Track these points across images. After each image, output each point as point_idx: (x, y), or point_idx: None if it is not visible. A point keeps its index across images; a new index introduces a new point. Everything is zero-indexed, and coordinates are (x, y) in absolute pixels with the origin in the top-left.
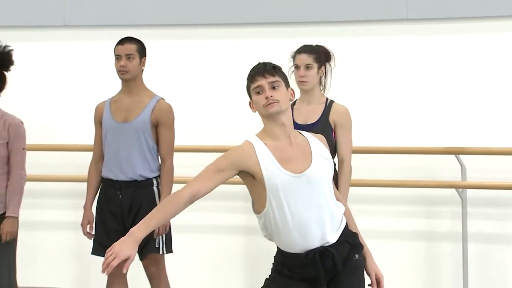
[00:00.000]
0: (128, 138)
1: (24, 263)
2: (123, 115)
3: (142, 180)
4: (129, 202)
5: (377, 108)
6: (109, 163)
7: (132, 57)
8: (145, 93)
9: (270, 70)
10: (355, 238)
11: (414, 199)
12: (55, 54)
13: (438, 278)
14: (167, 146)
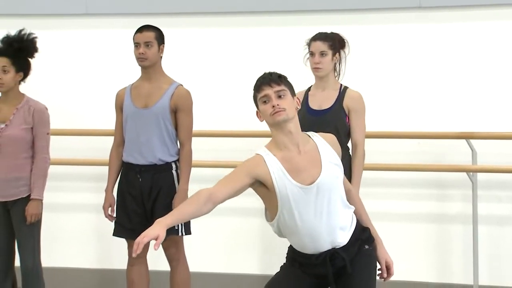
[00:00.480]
0: (148, 123)
1: (47, 243)
2: (143, 101)
3: (161, 164)
4: (149, 185)
5: (390, 94)
6: (129, 148)
7: (150, 45)
8: (164, 79)
9: (275, 79)
10: (365, 233)
11: (426, 183)
12: (78, 42)
13: (449, 259)
14: (185, 131)
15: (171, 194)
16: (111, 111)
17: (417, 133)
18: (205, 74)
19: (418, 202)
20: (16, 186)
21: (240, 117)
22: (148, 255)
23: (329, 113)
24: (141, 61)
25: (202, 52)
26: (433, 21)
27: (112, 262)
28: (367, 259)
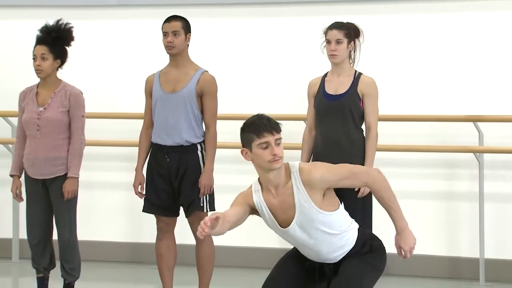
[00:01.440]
0: (176, 107)
1: (83, 218)
2: (171, 86)
3: (187, 145)
4: (176, 165)
5: (401, 80)
6: (158, 130)
7: (178, 34)
8: (190, 66)
9: (276, 127)
10: (365, 248)
11: (436, 163)
12: (110, 31)
13: (456, 234)
14: (211, 114)
15: (197, 173)
16: (141, 95)
17: (427, 116)
18: (228, 61)
19: (428, 181)
20: (54, 165)
21: (262, 101)
22: (176, 230)
23: (344, 98)
24: (169, 49)
25: (225, 41)
26: (443, 11)
27: (142, 236)
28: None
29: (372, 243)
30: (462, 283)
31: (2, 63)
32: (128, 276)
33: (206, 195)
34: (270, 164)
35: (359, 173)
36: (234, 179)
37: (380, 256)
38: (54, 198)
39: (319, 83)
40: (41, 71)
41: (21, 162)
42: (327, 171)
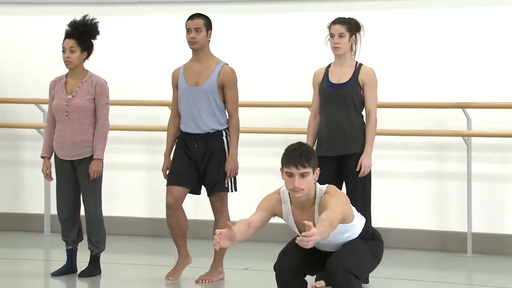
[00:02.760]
0: (200, 98)
1: (107, 196)
2: (194, 79)
3: (213, 132)
4: (203, 150)
5: (398, 70)
6: (185, 120)
7: (200, 30)
8: (211, 60)
9: (303, 162)
10: (367, 234)
11: (428, 146)
12: (132, 26)
13: (446, 210)
14: (232, 103)
15: (222, 157)
16: (159, 84)
17: (420, 103)
18: (249, 54)
19: (421, 162)
20: (81, 147)
21: (282, 89)
22: (189, 206)
23: (346, 86)
24: (191, 44)
25: (242, 34)
26: (432, 7)
27: (161, 212)
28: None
29: (374, 233)
30: (451, 255)
31: (34, 55)
32: (148, 248)
33: (232, 177)
34: (290, 191)
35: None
36: (250, 161)
37: (380, 246)
38: (81, 177)
39: (323, 73)
40: (69, 63)
41: (51, 145)
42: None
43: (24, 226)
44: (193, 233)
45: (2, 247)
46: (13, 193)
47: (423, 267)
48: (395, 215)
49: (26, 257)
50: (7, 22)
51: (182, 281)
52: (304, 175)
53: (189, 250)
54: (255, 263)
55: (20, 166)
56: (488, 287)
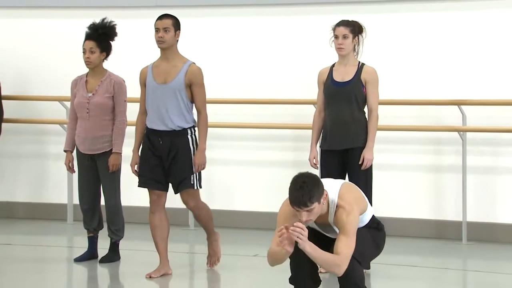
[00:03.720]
0: (167, 96)
1: (126, 187)
2: (162, 77)
3: (179, 130)
4: (168, 147)
5: (397, 69)
6: (152, 117)
7: (168, 30)
8: (179, 59)
9: (306, 203)
10: (373, 224)
11: (425, 140)
12: (149, 29)
13: (443, 200)
14: (200, 101)
15: (187, 154)
16: None
17: (418, 101)
18: (254, 54)
19: (419, 155)
20: (101, 142)
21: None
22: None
23: (349, 85)
24: (159, 43)
25: (252, 36)
26: (430, 11)
27: (174, 202)
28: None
29: (378, 223)
30: (447, 242)
31: (57, 56)
32: None
33: (196, 173)
34: (303, 221)
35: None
36: (255, 154)
37: (382, 237)
38: (101, 170)
39: (328, 72)
40: (89, 63)
41: (73, 139)
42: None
43: (48, 215)
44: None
45: (28, 234)
46: (38, 184)
47: (421, 253)
48: (395, 205)
49: (51, 244)
50: (32, 25)
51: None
52: (309, 211)
53: (200, 241)
54: (264, 249)
55: (45, 159)
56: (482, 272)
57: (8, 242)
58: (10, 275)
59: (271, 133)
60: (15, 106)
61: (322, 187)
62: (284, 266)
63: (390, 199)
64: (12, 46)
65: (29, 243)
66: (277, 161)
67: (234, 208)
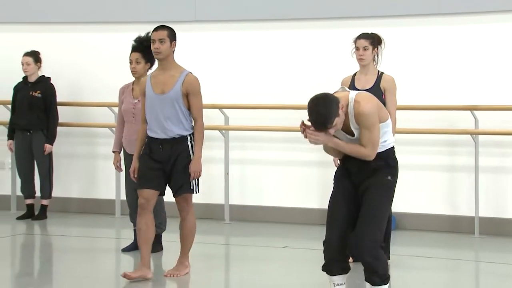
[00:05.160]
0: (165, 106)
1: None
2: (160, 88)
3: (178, 137)
4: (169, 154)
5: (415, 77)
6: (152, 125)
7: (163, 41)
8: (176, 69)
9: (326, 125)
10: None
11: (441, 142)
12: (189, 41)
13: (457, 197)
14: (196, 109)
15: (186, 160)
16: (211, 90)
17: (434, 106)
18: (282, 64)
19: (435, 156)
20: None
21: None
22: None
23: (370, 92)
24: (156, 54)
25: (287, 49)
26: (446, 24)
27: (212, 198)
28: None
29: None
30: (461, 236)
31: (106, 66)
32: (202, 228)
33: (196, 179)
34: None
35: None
36: (284, 155)
37: (397, 172)
38: None
39: (350, 80)
40: (135, 72)
41: (120, 141)
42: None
43: (98, 209)
44: (239, 216)
45: (81, 226)
46: (89, 181)
47: (436, 246)
48: (413, 202)
49: (101, 235)
50: (84, 39)
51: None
52: (333, 127)
53: (235, 233)
54: (292, 241)
55: (95, 159)
56: (493, 263)
57: (63, 234)
58: (65, 263)
59: (298, 135)
60: (69, 111)
61: (336, 102)
62: (313, 258)
63: (408, 196)
64: (66, 59)
65: (81, 235)
66: (303, 161)
67: (265, 204)
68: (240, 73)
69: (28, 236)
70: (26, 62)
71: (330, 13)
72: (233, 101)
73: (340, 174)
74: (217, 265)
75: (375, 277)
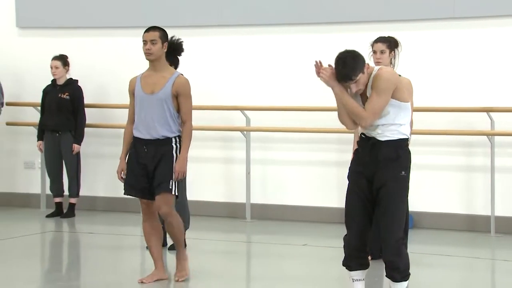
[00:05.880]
0: (154, 106)
1: (191, 184)
2: (150, 88)
3: (163, 139)
4: (152, 154)
5: (432, 80)
6: (138, 125)
7: (155, 42)
8: (167, 70)
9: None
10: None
11: (458, 143)
12: (212, 44)
13: (473, 197)
14: (186, 111)
15: (168, 160)
16: (233, 92)
17: (451, 108)
18: (295, 68)
19: (452, 157)
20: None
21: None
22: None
23: None
24: (147, 55)
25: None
26: (463, 28)
27: (235, 197)
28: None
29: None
30: (477, 234)
31: (131, 69)
32: (224, 227)
33: (175, 180)
34: None
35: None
36: (304, 155)
37: (409, 165)
38: None
39: None
40: None
41: None
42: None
43: (124, 208)
44: (260, 215)
45: (107, 224)
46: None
47: (454, 244)
48: (430, 201)
49: (127, 233)
50: (109, 43)
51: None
52: (357, 81)
53: (256, 231)
54: (312, 239)
55: None
56: (509, 261)
57: (90, 231)
58: (92, 259)
59: (317, 136)
60: (96, 113)
61: (363, 59)
62: (332, 255)
63: (426, 195)
64: (93, 62)
65: (108, 232)
66: (323, 161)
67: (285, 203)
68: (261, 76)
69: (57, 233)
70: (55, 65)
71: (348, 17)
72: (254, 103)
73: (353, 170)
74: (239, 261)
75: (396, 273)
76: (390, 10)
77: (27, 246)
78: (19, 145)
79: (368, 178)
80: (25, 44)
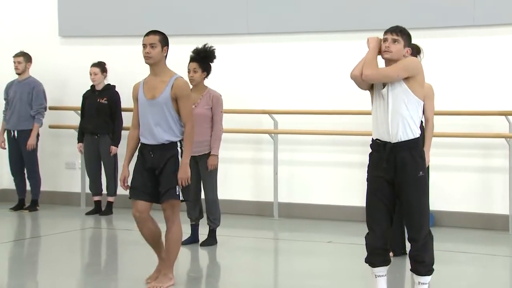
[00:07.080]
0: (156, 111)
1: (222, 183)
2: (151, 93)
3: (168, 143)
4: (158, 159)
5: (452, 85)
6: (143, 131)
7: (154, 46)
8: (166, 74)
9: (396, 31)
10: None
11: (477, 145)
12: (242, 52)
13: (492, 196)
14: (185, 114)
15: (175, 165)
16: (262, 97)
17: (471, 111)
18: (317, 73)
19: (471, 158)
20: (202, 145)
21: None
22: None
23: None
24: (146, 59)
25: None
26: (482, 35)
27: (263, 196)
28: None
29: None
30: (495, 233)
31: None
32: (253, 224)
33: (182, 186)
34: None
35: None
36: (330, 156)
37: (425, 164)
38: (202, 169)
39: None
40: (193, 80)
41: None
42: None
43: (159, 206)
44: (287, 213)
45: None
46: None
47: (472, 242)
48: (450, 200)
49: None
50: None
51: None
52: (396, 41)
53: (283, 229)
54: (337, 237)
55: None
56: None
57: (127, 228)
58: (129, 255)
59: (341, 138)
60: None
61: (411, 43)
62: (355, 252)
63: (445, 195)
64: (129, 69)
65: None
66: (347, 162)
67: (311, 202)
68: (288, 81)
69: (96, 230)
70: (94, 72)
71: (371, 25)
72: (281, 107)
73: (372, 174)
74: (267, 257)
75: (421, 267)
76: (411, 18)
77: (68, 242)
78: (61, 147)
79: (388, 181)
80: (66, 52)
